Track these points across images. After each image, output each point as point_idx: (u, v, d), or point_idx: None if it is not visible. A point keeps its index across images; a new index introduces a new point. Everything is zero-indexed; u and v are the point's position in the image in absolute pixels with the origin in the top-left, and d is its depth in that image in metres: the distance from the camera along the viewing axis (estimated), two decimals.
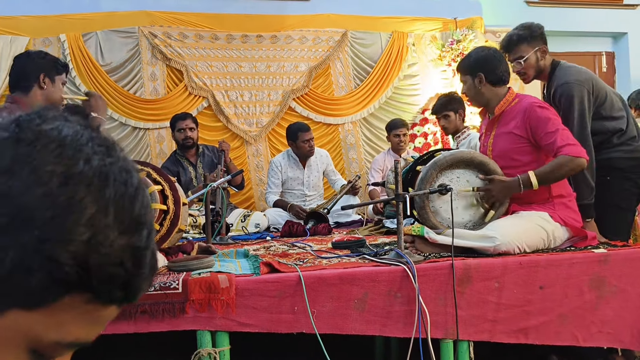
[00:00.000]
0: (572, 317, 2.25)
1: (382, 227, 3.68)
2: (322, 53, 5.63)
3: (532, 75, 2.95)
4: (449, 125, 4.28)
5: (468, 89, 2.69)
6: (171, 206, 2.31)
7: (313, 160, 4.77)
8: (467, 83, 2.68)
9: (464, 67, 2.71)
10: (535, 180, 2.41)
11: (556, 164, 2.42)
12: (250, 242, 3.34)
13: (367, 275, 2.13)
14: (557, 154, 2.43)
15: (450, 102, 4.31)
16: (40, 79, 2.31)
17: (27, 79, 2.32)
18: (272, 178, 4.66)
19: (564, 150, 2.41)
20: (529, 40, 2.89)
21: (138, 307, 1.95)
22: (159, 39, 5.21)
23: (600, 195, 2.79)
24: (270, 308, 2.05)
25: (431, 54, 5.86)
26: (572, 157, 2.40)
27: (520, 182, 2.42)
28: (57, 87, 2.37)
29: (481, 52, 2.70)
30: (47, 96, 2.34)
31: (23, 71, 2.34)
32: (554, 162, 2.43)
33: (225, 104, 5.37)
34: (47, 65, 2.35)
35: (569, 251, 2.38)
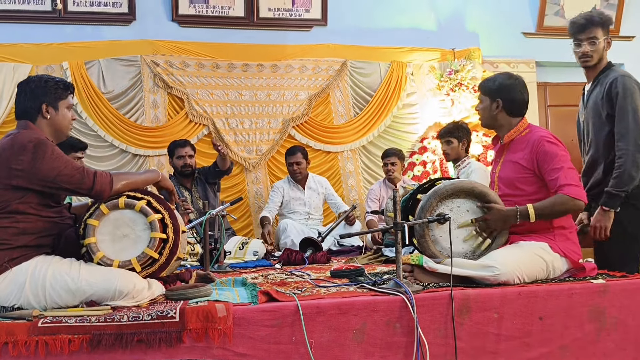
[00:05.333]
0: (574, 349, 2.23)
1: (381, 256, 3.67)
2: (321, 82, 5.68)
3: (595, 60, 2.94)
4: (450, 152, 4.32)
5: (483, 109, 2.72)
6: (171, 235, 2.30)
7: (312, 184, 5.05)
8: (484, 103, 2.71)
9: (486, 88, 2.73)
10: (533, 214, 2.43)
11: (555, 202, 2.44)
12: (248, 270, 3.32)
13: (365, 305, 2.12)
14: (557, 191, 2.45)
15: (457, 129, 4.35)
16: (43, 109, 2.29)
17: (30, 111, 2.30)
18: (272, 197, 4.97)
19: (565, 190, 2.42)
20: (604, 27, 2.93)
21: (134, 336, 1.94)
22: (160, 68, 5.27)
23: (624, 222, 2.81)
24: (268, 338, 2.03)
25: (430, 84, 5.92)
26: (572, 198, 2.42)
27: (517, 213, 2.43)
28: (62, 114, 2.34)
29: (507, 79, 2.71)
30: (52, 125, 2.33)
31: (24, 103, 2.32)
32: (553, 200, 2.45)
33: (226, 132, 5.40)
34: (48, 93, 2.31)
35: (567, 282, 2.38)
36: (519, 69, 6.11)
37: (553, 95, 6.62)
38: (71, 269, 2.13)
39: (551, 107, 6.62)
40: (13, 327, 1.93)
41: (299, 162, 4.90)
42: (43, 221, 2.22)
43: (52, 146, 2.20)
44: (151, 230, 2.24)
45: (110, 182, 2.24)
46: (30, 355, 1.91)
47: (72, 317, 1.99)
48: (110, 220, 2.25)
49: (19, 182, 2.15)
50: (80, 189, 2.21)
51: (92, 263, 2.19)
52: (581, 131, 3.12)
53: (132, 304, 2.14)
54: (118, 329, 1.95)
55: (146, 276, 2.26)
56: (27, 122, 2.29)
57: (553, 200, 2.44)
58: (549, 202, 2.45)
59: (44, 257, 2.17)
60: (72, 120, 2.41)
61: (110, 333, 1.94)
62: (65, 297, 2.10)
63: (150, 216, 2.24)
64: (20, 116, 2.33)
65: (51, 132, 2.33)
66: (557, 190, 2.44)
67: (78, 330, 1.94)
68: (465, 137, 4.33)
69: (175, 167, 4.57)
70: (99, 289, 2.11)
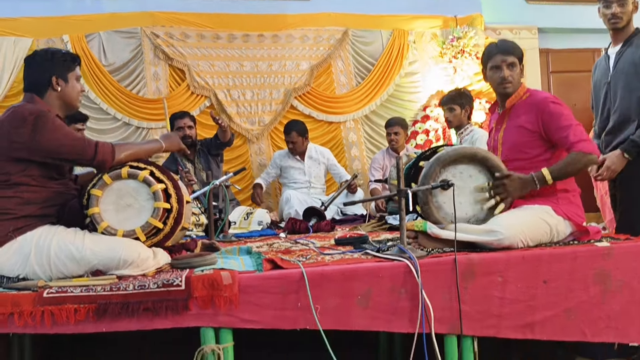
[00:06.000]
0: (579, 312, 2.24)
1: (385, 224, 3.68)
2: (323, 51, 5.63)
3: (624, 22, 3.05)
4: (452, 119, 4.30)
5: (518, 74, 2.65)
6: (174, 204, 2.30)
7: (314, 153, 5.05)
8: (518, 68, 2.64)
9: (517, 49, 2.66)
10: (549, 177, 2.41)
11: (570, 161, 2.43)
12: (253, 239, 3.34)
13: (370, 271, 2.13)
14: (570, 149, 2.44)
15: (460, 96, 4.33)
16: (53, 82, 2.29)
17: (39, 84, 2.30)
18: (267, 169, 5.10)
19: (578, 146, 2.41)
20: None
21: (141, 305, 1.96)
22: (161, 39, 5.23)
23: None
24: (274, 304, 2.05)
25: (432, 51, 5.86)
26: (585, 154, 2.41)
27: (535, 180, 2.42)
28: (72, 85, 2.34)
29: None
30: (62, 97, 2.32)
31: (33, 76, 2.31)
32: (568, 159, 2.44)
33: (228, 103, 5.38)
34: (57, 65, 2.31)
35: (571, 245, 2.38)
36: (521, 35, 6.05)
37: (555, 62, 6.56)
38: (75, 239, 2.14)
39: (554, 73, 6.56)
40: (19, 297, 1.94)
41: (294, 141, 4.90)
42: (47, 191, 2.23)
43: (53, 118, 2.19)
44: (155, 200, 2.24)
45: (112, 152, 2.24)
46: (37, 326, 1.93)
47: (78, 287, 2.00)
48: (113, 190, 2.25)
49: (20, 154, 2.15)
50: (82, 160, 2.22)
51: (96, 233, 2.20)
52: (601, 92, 3.16)
53: (138, 272, 2.16)
54: (124, 297, 1.96)
55: (151, 245, 2.27)
56: (32, 96, 2.29)
57: (568, 160, 2.43)
58: (564, 162, 2.44)
59: (48, 227, 2.18)
60: (81, 92, 2.41)
61: (116, 302, 1.95)
62: (71, 266, 2.11)
63: (153, 186, 2.24)
64: (28, 90, 2.32)
65: (61, 105, 2.33)
66: (570, 148, 2.43)
67: (84, 299, 1.95)
68: (468, 104, 4.30)
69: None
70: (104, 258, 2.12)
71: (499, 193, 2.43)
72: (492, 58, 2.65)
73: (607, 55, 3.15)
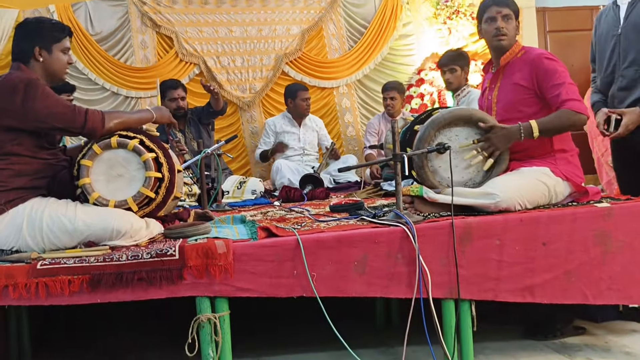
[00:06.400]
0: (579, 274, 2.22)
1: (380, 190, 3.65)
2: (314, 15, 5.51)
3: None
4: (453, 80, 4.20)
5: (514, 27, 2.59)
6: (166, 174, 2.26)
7: (309, 121, 5.04)
8: (514, 21, 2.59)
9: (513, 3, 2.61)
10: (536, 129, 2.36)
11: (558, 116, 2.38)
12: (247, 208, 3.30)
13: (366, 237, 2.10)
14: (560, 106, 2.39)
15: (460, 56, 4.25)
16: (36, 52, 2.25)
17: (24, 53, 2.27)
18: (264, 137, 5.01)
19: (568, 105, 2.37)
20: None
21: (135, 275, 1.95)
22: (148, 6, 5.11)
23: None
24: (269, 272, 2.03)
25: (426, 12, 5.73)
26: (575, 112, 2.37)
27: (521, 129, 2.37)
28: (56, 57, 2.30)
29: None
30: (46, 68, 2.28)
31: (19, 45, 2.29)
32: (556, 114, 2.39)
33: (217, 70, 5.28)
34: (42, 35, 2.27)
35: (571, 206, 2.35)
36: None
37: (552, 21, 6.43)
38: (67, 210, 2.13)
39: (551, 32, 6.44)
40: (12, 270, 1.93)
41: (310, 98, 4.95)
42: (38, 163, 2.21)
43: (43, 86, 2.18)
44: (146, 170, 2.21)
45: (102, 119, 2.21)
46: (31, 297, 1.92)
47: (71, 258, 1.99)
48: (103, 160, 2.23)
49: (11, 122, 2.14)
50: (72, 128, 2.19)
51: (88, 204, 2.18)
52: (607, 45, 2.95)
53: (131, 243, 2.15)
54: (118, 268, 1.95)
55: (143, 215, 2.25)
56: (19, 64, 2.27)
57: (556, 115, 2.39)
58: (553, 116, 2.40)
59: (39, 199, 2.17)
60: (68, 64, 2.37)
61: (110, 273, 1.94)
62: (63, 238, 2.10)
63: (143, 155, 2.21)
64: (15, 58, 2.31)
65: (44, 75, 2.29)
66: (560, 106, 2.39)
67: (77, 271, 1.94)
68: (466, 65, 4.24)
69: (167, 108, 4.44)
70: (96, 229, 2.10)
71: (485, 148, 2.39)
72: (487, 10, 2.59)
73: (615, 5, 2.95)
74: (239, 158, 5.34)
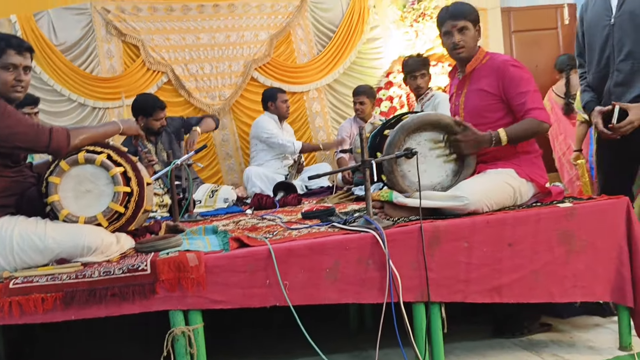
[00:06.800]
0: (545, 273, 2.28)
1: (352, 194, 3.68)
2: (281, 20, 5.52)
3: None
4: (424, 84, 4.21)
5: (471, 38, 2.59)
6: (135, 187, 2.26)
7: (286, 127, 5.10)
8: (471, 32, 2.59)
9: (469, 13, 2.60)
10: (505, 138, 2.43)
11: (524, 125, 2.45)
12: (219, 217, 3.30)
13: (337, 244, 2.13)
14: (525, 115, 2.46)
15: (427, 60, 4.28)
16: None
17: None
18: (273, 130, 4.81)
19: (533, 114, 2.44)
20: None
21: (107, 291, 1.95)
22: (112, 14, 5.05)
23: None
24: (242, 283, 2.04)
25: (393, 16, 5.80)
26: (540, 122, 2.45)
27: (492, 138, 2.43)
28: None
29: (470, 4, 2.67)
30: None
31: None
32: (523, 123, 2.46)
33: (186, 78, 5.25)
34: None
35: (535, 207, 2.41)
36: None
37: (517, 21, 6.54)
38: (37, 228, 2.11)
39: (515, 32, 6.56)
40: None
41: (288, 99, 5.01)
42: (4, 181, 2.18)
43: (5, 105, 2.12)
44: (114, 184, 2.21)
45: (67, 137, 2.19)
46: (5, 317, 1.92)
47: (43, 276, 1.99)
48: (71, 176, 2.22)
49: None
50: (36, 147, 2.17)
51: (57, 221, 2.17)
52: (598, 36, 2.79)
53: (102, 259, 2.14)
54: (90, 284, 1.95)
55: (114, 230, 2.24)
56: None
57: (523, 124, 2.46)
58: (520, 125, 2.46)
59: (8, 217, 2.15)
60: (15, 81, 2.21)
61: (82, 289, 1.95)
62: (34, 256, 2.08)
63: (111, 170, 2.20)
64: None
65: None
66: (525, 114, 2.46)
67: (50, 288, 1.95)
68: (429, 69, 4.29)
69: (149, 126, 4.21)
70: (67, 246, 2.09)
71: (453, 145, 2.44)
72: (444, 24, 2.62)
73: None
74: (210, 166, 5.32)
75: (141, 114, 4.24)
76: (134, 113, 4.27)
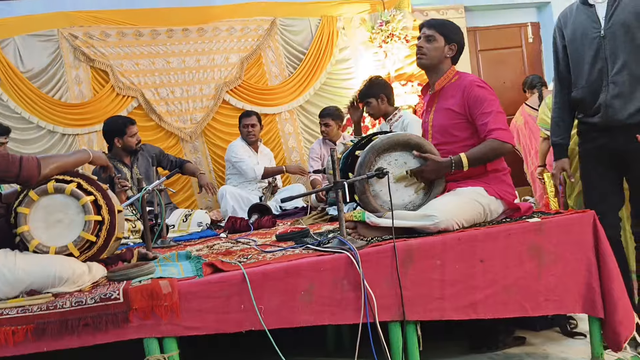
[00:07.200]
0: (517, 288, 2.31)
1: (326, 215, 3.69)
2: (252, 43, 5.56)
3: None
4: (372, 112, 4.23)
5: (435, 48, 2.65)
6: (106, 216, 2.24)
7: (263, 149, 5.09)
8: (438, 43, 2.66)
9: (443, 26, 2.67)
10: (466, 163, 2.47)
11: (486, 148, 2.49)
12: (193, 242, 3.28)
13: (311, 266, 2.13)
14: (487, 135, 2.50)
15: (370, 87, 4.21)
16: None
17: None
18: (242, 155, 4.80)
19: (495, 134, 2.48)
20: None
21: (80, 321, 1.94)
22: (80, 40, 5.03)
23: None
24: (216, 309, 2.03)
25: (362, 37, 5.89)
26: (502, 142, 2.48)
27: (452, 163, 2.47)
28: None
29: (459, 27, 2.74)
30: None
31: None
32: (484, 146, 2.50)
33: (156, 102, 5.23)
34: None
35: (504, 223, 2.45)
36: (448, 15, 6.14)
37: (483, 40, 6.73)
38: (7, 260, 2.08)
39: (482, 51, 6.73)
40: None
41: (254, 124, 4.87)
42: None
43: None
44: (85, 213, 2.19)
45: (38, 166, 2.16)
46: None
47: (14, 308, 1.96)
48: (41, 206, 2.20)
49: None
50: (6, 177, 2.14)
51: (27, 252, 2.14)
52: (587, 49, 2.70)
53: (74, 289, 2.11)
54: (62, 315, 1.93)
55: (85, 260, 2.22)
56: None
57: (484, 146, 2.50)
58: (481, 148, 2.50)
59: None
60: None
61: (54, 320, 1.93)
62: (4, 288, 2.04)
63: (82, 199, 2.18)
64: None
65: None
66: (487, 135, 2.50)
67: (20, 321, 1.92)
68: (382, 91, 4.19)
69: (127, 145, 4.26)
70: (38, 277, 2.06)
71: (416, 176, 2.50)
72: (420, 30, 2.74)
73: (587, 5, 2.71)
74: (183, 190, 5.28)
75: (116, 136, 4.25)
76: (108, 138, 4.27)
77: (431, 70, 2.71)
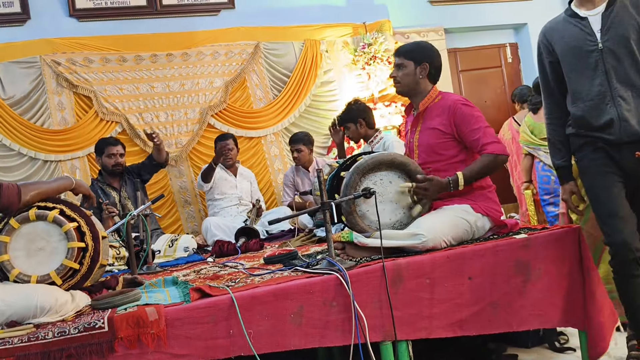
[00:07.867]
0: (503, 304, 2.31)
1: (314, 237, 3.67)
2: (236, 67, 5.57)
3: None
4: (352, 136, 4.30)
5: (406, 74, 2.70)
6: (90, 242, 2.20)
7: (243, 171, 5.05)
8: (408, 68, 2.70)
9: (410, 52, 2.72)
10: (462, 181, 2.49)
11: (482, 164, 2.51)
12: (179, 267, 3.24)
13: (300, 288, 2.11)
14: (481, 150, 2.52)
15: (348, 112, 4.29)
16: None
17: None
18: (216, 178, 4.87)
19: (489, 149, 2.51)
20: None
21: (63, 352, 1.86)
22: (62, 67, 5.00)
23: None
24: (205, 335, 1.99)
25: (345, 59, 5.94)
26: (496, 155, 2.51)
27: (450, 184, 2.49)
28: None
29: (428, 45, 2.78)
30: None
31: None
32: (480, 162, 2.52)
33: (141, 127, 5.19)
34: None
35: (492, 239, 2.45)
36: (429, 37, 6.23)
37: (463, 60, 6.82)
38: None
39: (463, 72, 6.82)
40: None
41: (231, 147, 4.84)
42: None
43: None
44: (68, 240, 2.15)
45: (18, 193, 2.12)
46: None
47: None
48: (22, 234, 2.15)
49: None
50: None
51: (7, 282, 2.09)
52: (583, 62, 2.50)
53: (57, 318, 2.04)
54: (44, 347, 1.86)
55: (68, 288, 2.17)
56: None
57: (480, 163, 2.52)
58: (477, 165, 2.52)
59: None
60: None
61: (36, 352, 1.85)
62: None
63: (64, 226, 2.14)
64: None
65: None
66: (481, 150, 2.53)
67: (0, 354, 1.84)
68: (360, 116, 4.24)
69: (105, 165, 4.34)
70: (19, 308, 1.99)
71: (418, 194, 2.49)
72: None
73: (577, 18, 2.53)
74: (169, 214, 5.23)
75: (97, 155, 4.40)
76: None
77: (411, 94, 2.77)
